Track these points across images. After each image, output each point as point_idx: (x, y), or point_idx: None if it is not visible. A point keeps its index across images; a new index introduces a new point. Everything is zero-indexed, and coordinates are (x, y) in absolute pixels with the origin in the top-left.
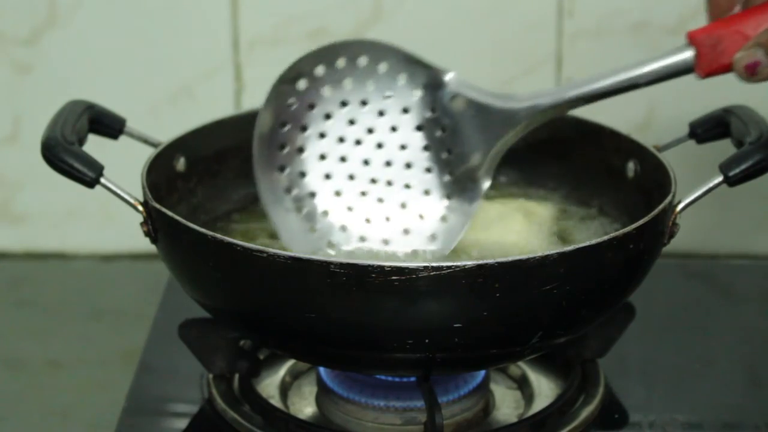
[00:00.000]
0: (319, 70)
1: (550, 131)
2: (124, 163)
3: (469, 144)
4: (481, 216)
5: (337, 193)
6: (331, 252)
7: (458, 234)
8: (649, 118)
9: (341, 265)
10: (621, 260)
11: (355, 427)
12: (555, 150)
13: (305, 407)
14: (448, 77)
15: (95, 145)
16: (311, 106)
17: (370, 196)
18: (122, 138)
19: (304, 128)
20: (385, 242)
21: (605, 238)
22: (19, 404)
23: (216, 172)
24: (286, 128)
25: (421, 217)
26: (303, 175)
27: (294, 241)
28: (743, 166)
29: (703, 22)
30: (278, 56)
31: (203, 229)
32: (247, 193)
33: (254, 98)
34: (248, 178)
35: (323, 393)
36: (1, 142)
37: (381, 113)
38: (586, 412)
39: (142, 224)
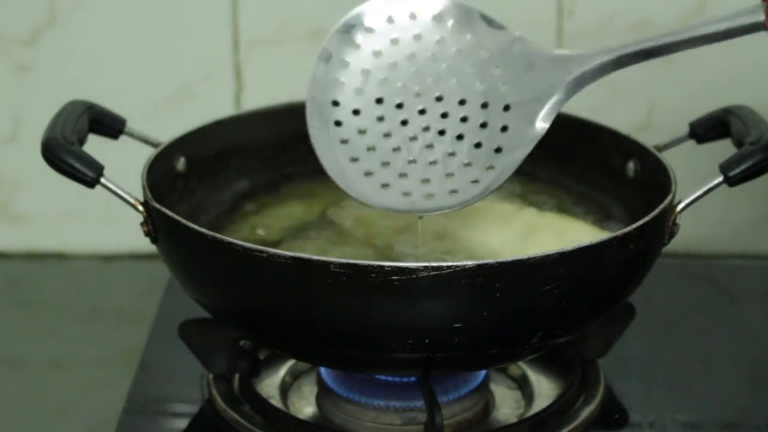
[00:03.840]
0: (391, 21)
1: (550, 131)
2: (124, 163)
3: (528, 97)
4: (510, 224)
5: (387, 135)
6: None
7: (499, 183)
8: (649, 118)
9: (341, 265)
10: (621, 260)
11: (355, 427)
12: (555, 150)
13: (305, 407)
14: (515, 34)
15: (95, 145)
16: (377, 53)
17: (420, 141)
18: (122, 138)
19: (366, 71)
20: (425, 181)
21: (605, 238)
22: (19, 404)
23: (216, 172)
24: (350, 62)
25: (467, 165)
26: (357, 112)
27: (331, 164)
28: (743, 166)
29: None
30: (278, 56)
31: (203, 229)
32: (247, 193)
33: (254, 98)
34: (248, 177)
35: (323, 393)
36: (1, 142)
37: (449, 70)
38: (586, 412)
39: (142, 224)
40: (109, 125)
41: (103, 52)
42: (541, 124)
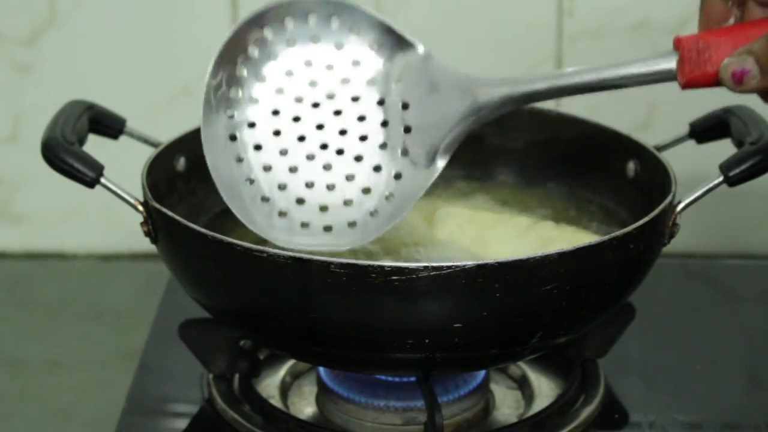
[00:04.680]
0: (289, 23)
1: (550, 131)
2: (124, 163)
3: (429, 123)
4: (527, 237)
5: (283, 152)
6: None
7: (399, 216)
8: (649, 118)
9: (341, 265)
10: (621, 260)
11: (355, 427)
12: (555, 150)
13: (305, 407)
14: (420, 51)
15: (95, 145)
16: (274, 57)
17: (318, 161)
18: (122, 138)
19: (262, 78)
20: (323, 209)
21: (605, 238)
22: (19, 404)
23: None
24: (245, 72)
25: (366, 191)
26: (252, 125)
27: (228, 187)
28: (743, 166)
29: None
30: None
31: (203, 229)
32: None
33: None
34: None
35: (323, 393)
36: (1, 142)
37: (345, 81)
38: (586, 412)
39: (142, 224)
40: (109, 125)
41: (103, 52)
42: (441, 159)
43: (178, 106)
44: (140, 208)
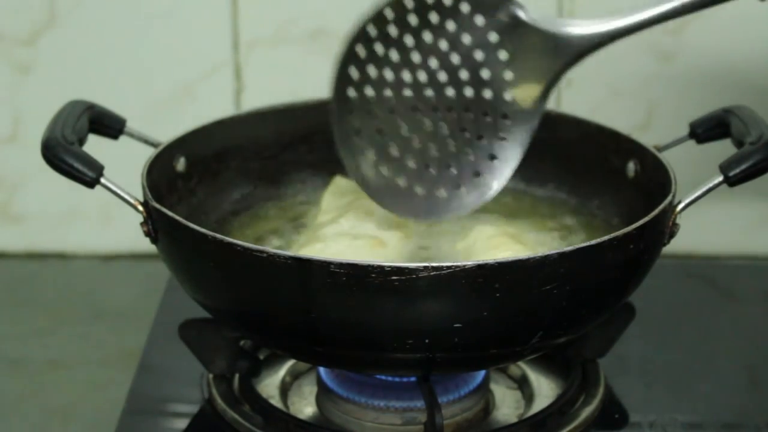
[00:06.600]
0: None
1: (550, 131)
2: (124, 163)
3: (529, 70)
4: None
5: (405, 116)
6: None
7: (510, 169)
8: (649, 118)
9: (341, 265)
10: (621, 260)
11: (355, 427)
12: (555, 150)
13: (305, 407)
14: (519, 12)
15: (95, 145)
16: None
17: (435, 116)
18: (122, 138)
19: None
20: (442, 162)
21: (605, 238)
22: (19, 404)
23: (216, 172)
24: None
25: (479, 137)
26: (387, 96)
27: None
28: (743, 166)
29: (702, 24)
30: (278, 56)
31: (203, 229)
32: (247, 193)
33: (254, 98)
34: (248, 177)
35: (323, 393)
36: (1, 142)
37: (454, 45)
38: (586, 412)
39: (142, 224)
40: (109, 125)
41: (103, 52)
42: (543, 102)
43: (178, 106)
44: (140, 208)
